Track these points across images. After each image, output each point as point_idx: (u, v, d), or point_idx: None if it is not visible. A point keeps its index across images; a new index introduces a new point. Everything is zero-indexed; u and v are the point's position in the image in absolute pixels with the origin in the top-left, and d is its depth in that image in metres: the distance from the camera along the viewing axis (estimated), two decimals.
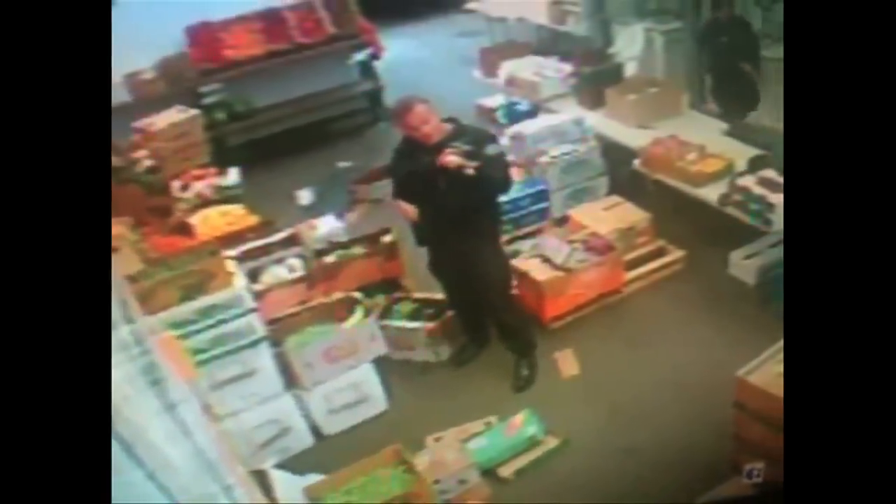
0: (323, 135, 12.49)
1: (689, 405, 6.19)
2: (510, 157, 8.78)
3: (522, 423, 6.13)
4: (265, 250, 7.80)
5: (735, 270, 7.64)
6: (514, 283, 7.16)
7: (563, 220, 8.36)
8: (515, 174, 8.23)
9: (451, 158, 5.84)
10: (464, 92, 11.98)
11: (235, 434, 5.79)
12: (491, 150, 6.07)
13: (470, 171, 5.81)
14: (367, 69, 13.06)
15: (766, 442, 5.01)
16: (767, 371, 5.12)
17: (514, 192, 7.85)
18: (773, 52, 8.38)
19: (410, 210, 6.27)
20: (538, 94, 10.47)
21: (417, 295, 7.59)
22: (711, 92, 9.21)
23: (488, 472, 5.90)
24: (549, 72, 10.70)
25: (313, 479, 5.54)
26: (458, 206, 6.08)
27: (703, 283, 7.69)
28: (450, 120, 6.22)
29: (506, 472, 5.93)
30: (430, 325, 7.16)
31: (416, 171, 6.08)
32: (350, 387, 6.53)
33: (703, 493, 5.25)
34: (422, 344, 7.17)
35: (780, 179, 6.97)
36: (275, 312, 6.88)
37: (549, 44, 13.24)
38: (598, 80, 9.90)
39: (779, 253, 7.23)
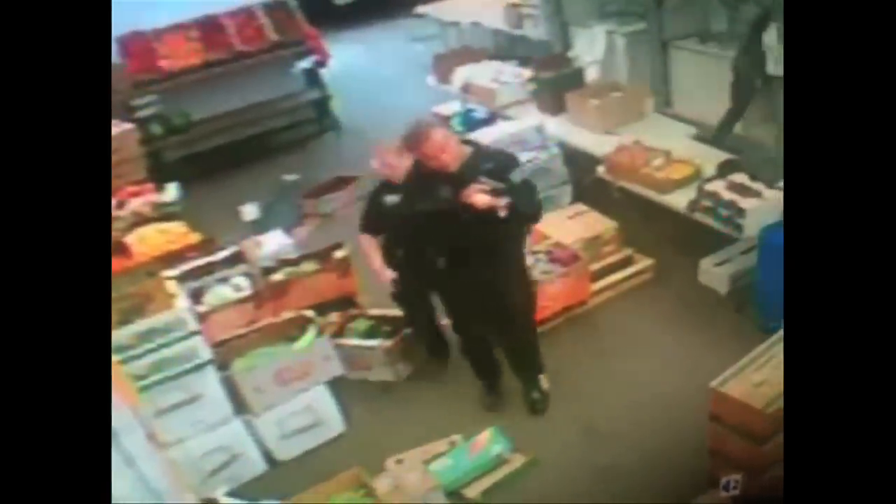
0: (267, 147, 12.44)
1: (663, 418, 6.20)
2: None
3: (488, 442, 6.12)
4: (208, 269, 7.71)
5: (705, 278, 7.69)
6: None
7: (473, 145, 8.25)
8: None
9: (480, 199, 5.43)
10: (417, 100, 11.98)
11: (183, 462, 5.67)
12: (517, 176, 5.72)
13: (503, 213, 5.46)
14: (312, 77, 13.01)
15: (744, 454, 5.07)
16: (744, 381, 5.15)
17: None
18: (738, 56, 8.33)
19: (385, 274, 6.43)
20: (496, 100, 10.47)
21: (373, 312, 7.56)
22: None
23: (453, 494, 5.88)
24: (507, 77, 10.72)
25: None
26: (482, 242, 5.78)
27: (673, 292, 7.74)
28: (467, 142, 5.94)
29: (472, 492, 5.90)
30: (388, 342, 7.11)
31: (431, 209, 5.67)
32: (304, 410, 6.47)
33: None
34: (379, 363, 7.12)
35: (752, 184, 6.99)
36: (220, 334, 6.73)
37: (506, 48, 13.27)
38: (558, 85, 9.90)
39: (750, 260, 7.23)
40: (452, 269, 5.96)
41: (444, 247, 5.92)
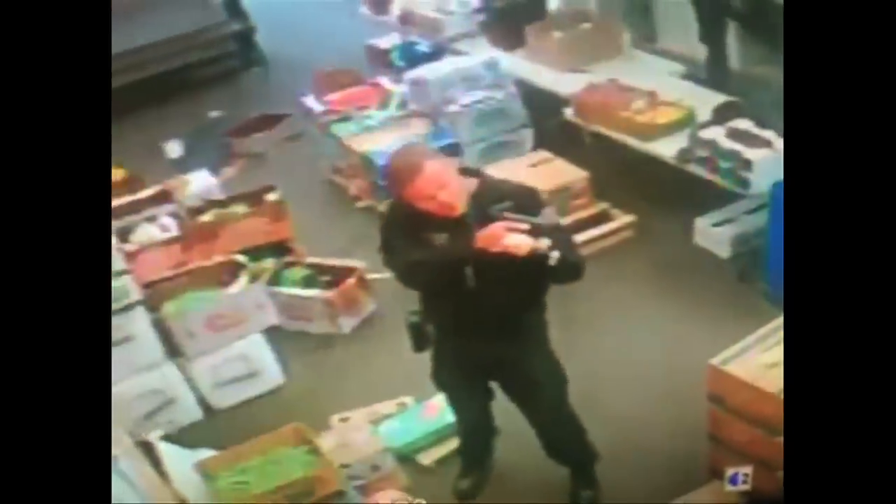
0: (188, 83, 12.21)
1: (649, 396, 5.91)
2: (412, 106, 8.72)
3: (443, 407, 5.73)
4: (134, 208, 7.71)
5: (702, 240, 7.30)
6: None
7: (478, 175, 7.83)
8: (420, 125, 8.11)
9: (516, 241, 4.11)
10: (352, 31, 11.91)
11: (115, 403, 5.55)
12: (547, 217, 4.36)
13: (553, 262, 4.12)
14: (233, 8, 12.70)
15: (754, 444, 4.73)
16: (751, 360, 4.78)
17: None
18: None
19: None
20: (441, 32, 10.14)
21: (310, 260, 7.47)
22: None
23: (406, 459, 5.75)
24: (454, 6, 10.33)
25: (206, 454, 5.50)
26: (496, 306, 4.51)
27: (659, 254, 7.38)
28: (468, 171, 4.65)
29: (426, 459, 5.76)
30: (329, 293, 7.02)
31: (432, 262, 4.39)
32: (239, 358, 6.47)
33: (670, 498, 4.99)
34: (320, 314, 7.02)
35: (759, 132, 6.52)
36: (149, 275, 6.69)
37: None
38: (514, 15, 9.49)
39: (757, 220, 6.84)
40: (459, 340, 4.78)
41: (446, 313, 4.69)
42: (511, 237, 4.07)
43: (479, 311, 4.44)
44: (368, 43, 11.46)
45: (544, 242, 4.08)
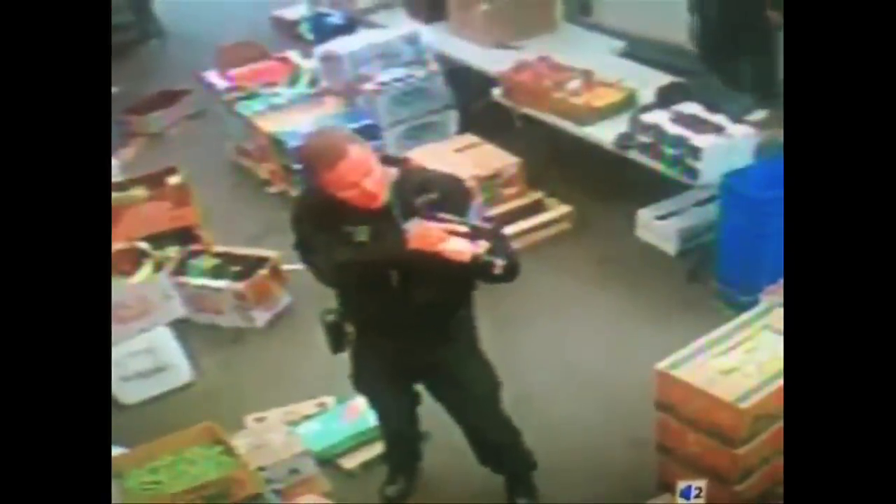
0: None
1: (589, 400, 5.82)
2: (324, 83, 8.59)
3: (366, 409, 5.64)
4: None
5: (645, 234, 7.18)
6: None
7: (399, 164, 7.60)
8: (333, 104, 8.04)
9: (455, 245, 3.99)
10: (256, 2, 11.97)
11: None
12: (473, 214, 4.30)
13: (498, 270, 4.04)
14: None
15: (708, 455, 4.67)
16: (705, 365, 4.67)
17: None
18: None
19: None
20: (354, 3, 10.04)
21: (219, 248, 7.36)
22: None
23: (327, 463, 5.66)
24: None
25: (113, 451, 5.21)
26: (422, 305, 4.37)
27: (599, 248, 7.26)
28: (389, 160, 4.50)
29: (349, 463, 5.68)
30: (240, 285, 6.91)
31: (358, 261, 4.21)
32: (144, 352, 6.38)
33: None
34: (231, 307, 6.93)
35: (709, 116, 6.39)
36: None
37: None
38: None
39: (708, 213, 6.73)
40: (381, 342, 4.65)
41: (367, 310, 4.54)
42: (451, 242, 3.97)
43: (403, 309, 4.35)
44: (274, 14, 11.43)
45: (483, 246, 3.98)
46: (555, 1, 9.04)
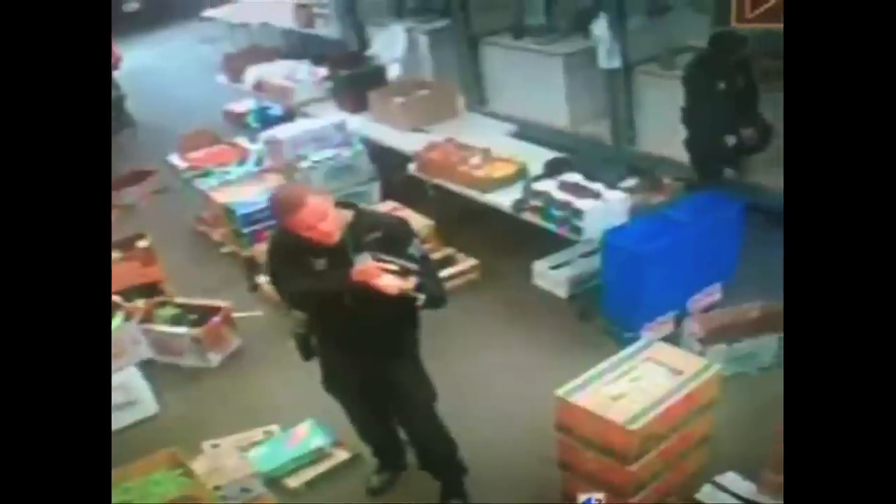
0: None
1: (500, 424, 5.60)
2: (268, 163, 8.27)
3: (307, 434, 5.69)
4: None
5: (541, 281, 6.98)
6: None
7: (354, 207, 7.39)
8: (275, 180, 7.63)
9: (387, 282, 4.08)
10: (211, 98, 11.54)
11: None
12: (415, 249, 4.32)
13: (420, 302, 4.16)
14: None
15: (604, 472, 4.51)
16: (597, 392, 4.54)
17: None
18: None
19: None
20: (291, 98, 9.75)
21: (179, 300, 7.22)
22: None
23: (274, 483, 5.46)
24: (302, 76, 9.98)
25: None
26: (372, 324, 4.38)
27: (504, 294, 7.07)
28: (344, 204, 4.43)
29: (294, 482, 5.49)
30: (197, 331, 6.76)
31: (315, 288, 4.28)
32: (118, 388, 6.16)
33: None
34: (189, 350, 6.76)
35: (588, 184, 6.26)
36: None
37: (298, 48, 12.50)
38: (356, 82, 9.20)
39: (591, 263, 6.57)
40: (338, 354, 4.66)
41: (326, 328, 4.60)
42: (383, 278, 4.08)
43: (356, 327, 4.39)
44: (226, 107, 11.17)
45: (411, 283, 4.10)
46: (457, 94, 9.02)
